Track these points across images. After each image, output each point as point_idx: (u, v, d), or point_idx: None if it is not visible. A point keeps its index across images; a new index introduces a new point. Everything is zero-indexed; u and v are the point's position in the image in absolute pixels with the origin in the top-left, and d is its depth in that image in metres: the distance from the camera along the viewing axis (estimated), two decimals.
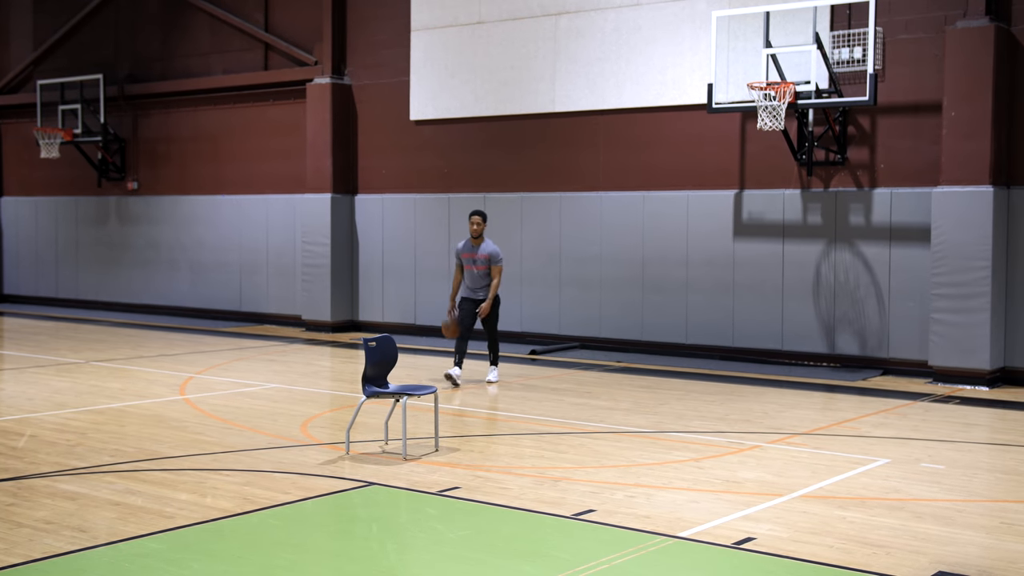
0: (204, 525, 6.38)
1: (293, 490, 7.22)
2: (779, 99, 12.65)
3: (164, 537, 6.14)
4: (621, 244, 14.93)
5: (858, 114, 13.27)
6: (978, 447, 9.05)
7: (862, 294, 13.20)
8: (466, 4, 16.36)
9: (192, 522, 6.42)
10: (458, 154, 16.59)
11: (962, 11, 12.49)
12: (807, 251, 13.55)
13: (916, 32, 12.89)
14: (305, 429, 9.34)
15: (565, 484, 7.43)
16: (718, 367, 13.54)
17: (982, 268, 12.04)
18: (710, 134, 14.29)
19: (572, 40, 15.40)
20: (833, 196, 13.41)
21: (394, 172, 17.27)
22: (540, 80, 15.68)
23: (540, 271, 15.63)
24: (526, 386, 12.12)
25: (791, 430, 9.57)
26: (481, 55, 16.23)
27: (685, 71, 14.45)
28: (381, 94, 17.37)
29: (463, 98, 16.42)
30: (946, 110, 12.39)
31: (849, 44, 13.07)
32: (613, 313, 15.01)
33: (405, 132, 17.10)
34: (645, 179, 14.87)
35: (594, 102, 15.24)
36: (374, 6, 17.40)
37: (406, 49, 17.01)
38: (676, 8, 14.53)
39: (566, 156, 15.57)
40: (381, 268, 17.30)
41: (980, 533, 6.37)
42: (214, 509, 6.71)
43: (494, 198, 16.12)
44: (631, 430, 9.50)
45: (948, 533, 6.33)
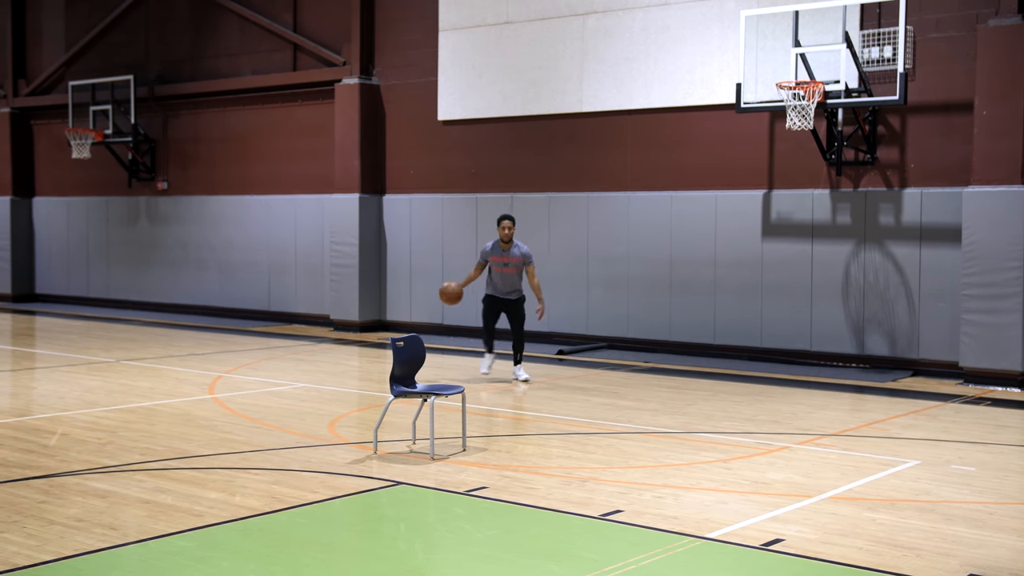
0: (233, 523, 6.42)
1: (321, 489, 7.25)
2: (808, 99, 12.58)
3: (193, 535, 6.18)
4: (649, 244, 14.89)
5: (888, 113, 13.18)
6: (1009, 449, 8.97)
7: (892, 295, 13.11)
8: (494, 4, 16.37)
9: (221, 520, 6.46)
10: (486, 154, 16.60)
11: (994, 9, 12.38)
12: (836, 251, 13.47)
13: (947, 31, 12.79)
14: (333, 428, 9.38)
15: (593, 484, 7.42)
16: (746, 368, 13.48)
17: (1014, 268, 11.93)
18: (739, 134, 14.23)
19: (600, 40, 15.38)
20: (863, 196, 13.33)
21: (422, 172, 17.31)
22: (568, 80, 15.67)
23: (568, 271, 15.62)
24: (553, 386, 12.11)
25: (820, 431, 9.52)
26: (509, 55, 16.23)
27: (714, 70, 14.39)
28: (409, 94, 17.41)
29: (491, 98, 16.43)
30: (978, 109, 12.28)
31: (879, 43, 12.98)
32: (641, 313, 14.97)
33: (433, 132, 17.13)
34: (673, 179, 14.83)
35: (622, 102, 15.21)
36: (402, 6, 17.44)
37: (434, 49, 17.04)
38: (704, 7, 14.48)
39: (594, 156, 15.55)
40: (409, 268, 17.34)
41: (1011, 536, 6.32)
42: (243, 508, 6.75)
43: (522, 198, 16.13)
44: (659, 430, 9.48)
45: (979, 536, 6.28)
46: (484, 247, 12.38)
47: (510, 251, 12.18)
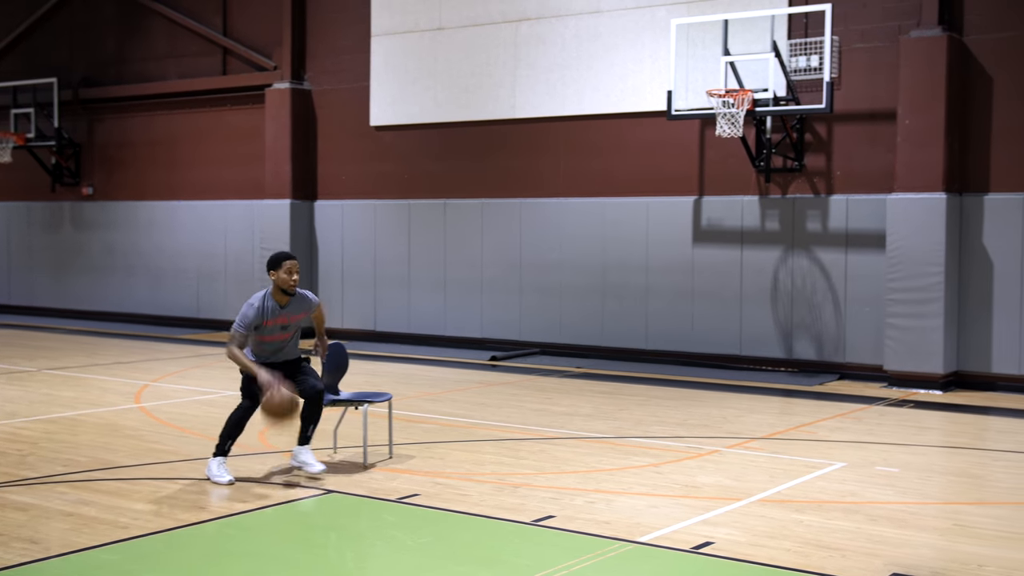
0: (159, 535, 6.31)
1: (249, 499, 7.16)
2: (737, 106, 12.74)
3: (118, 548, 6.06)
4: (581, 250, 14.96)
5: (815, 122, 13.40)
6: (932, 450, 9.15)
7: (819, 299, 13.32)
8: (427, 10, 16.35)
9: (147, 532, 6.35)
10: (419, 160, 16.56)
11: (916, 21, 12.65)
12: (765, 257, 13.66)
13: (871, 41, 13.04)
14: (263, 437, 9.27)
15: (525, 490, 7.42)
16: (678, 372, 13.60)
17: (936, 274, 12.19)
18: (670, 141, 14.37)
19: (533, 47, 15.43)
20: (791, 203, 13.53)
21: (354, 178, 17.21)
22: (501, 86, 15.69)
23: (501, 277, 15.63)
24: (486, 392, 12.10)
25: (749, 435, 9.63)
26: (442, 61, 16.22)
27: (645, 78, 14.52)
28: (341, 100, 17.31)
29: (424, 104, 16.40)
30: (900, 118, 12.54)
31: (806, 52, 13.19)
32: (573, 319, 15.04)
33: (365, 138, 17.05)
34: (605, 186, 14.93)
35: (555, 108, 15.27)
36: (334, 11, 17.34)
37: (366, 55, 16.96)
38: (636, 16, 14.60)
39: (527, 162, 15.59)
40: (341, 274, 17.23)
41: (933, 535, 6.44)
42: (170, 519, 6.64)
43: (455, 204, 16.11)
44: (591, 436, 9.52)
45: (902, 535, 6.39)
46: (245, 314, 7.62)
47: (288, 306, 7.79)
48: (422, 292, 16.24)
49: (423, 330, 16.30)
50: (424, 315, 16.30)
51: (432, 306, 16.20)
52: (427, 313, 16.15)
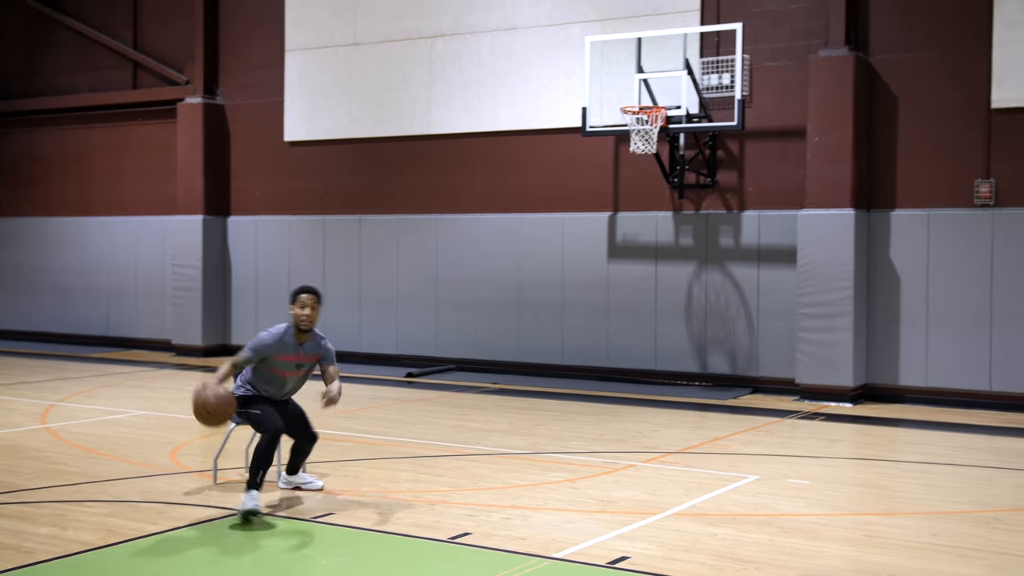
0: (65, 559, 6.14)
1: (160, 520, 7.00)
2: (651, 123, 12.88)
3: (22, 573, 5.88)
4: (498, 266, 14.98)
5: (727, 138, 13.60)
6: (842, 462, 9.32)
7: (732, 314, 13.50)
8: (341, 25, 16.27)
9: (52, 557, 6.17)
10: (333, 176, 16.44)
11: (823, 41, 12.93)
12: (679, 272, 13.81)
13: (781, 60, 13.29)
14: (174, 457, 9.09)
15: (441, 508, 7.38)
16: (594, 387, 13.67)
17: (845, 288, 12.44)
18: (584, 157, 14.47)
19: (448, 63, 15.44)
20: (704, 219, 13.71)
21: (268, 194, 17.02)
22: (416, 102, 15.66)
23: (417, 293, 15.57)
24: (402, 409, 12.03)
25: (665, 449, 9.71)
26: (357, 76, 16.14)
27: (560, 94, 14.61)
28: (255, 115, 17.12)
29: (338, 120, 16.29)
30: (810, 136, 12.79)
31: (718, 71, 13.40)
32: (490, 335, 15.03)
33: (279, 153, 16.88)
34: (521, 202, 14.97)
35: (470, 125, 15.29)
36: (248, 26, 17.16)
37: (280, 70, 16.81)
38: (551, 33, 14.70)
39: (442, 178, 15.57)
40: (255, 291, 17.01)
41: (844, 546, 6.55)
42: (76, 543, 6.46)
43: (370, 220, 16.02)
44: (508, 451, 9.51)
45: (814, 547, 6.49)
46: (261, 338, 7.35)
47: (306, 345, 7.51)
48: (337, 309, 16.09)
49: (338, 347, 15.95)
50: (339, 332, 16.12)
51: (347, 323, 16.07)
52: (342, 330, 16.00)
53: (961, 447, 10.01)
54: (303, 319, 7.39)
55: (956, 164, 12.40)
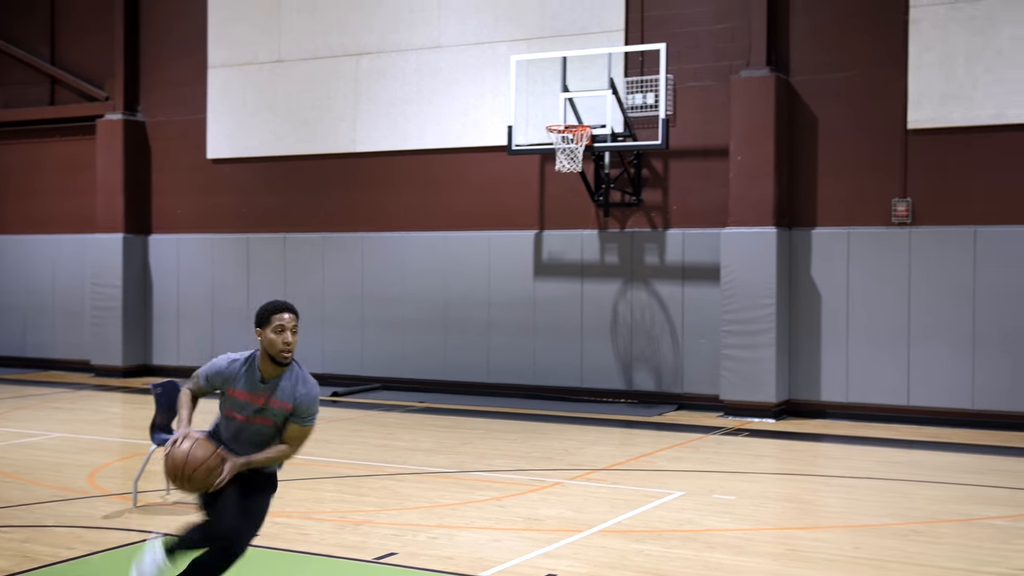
0: None
1: (78, 545, 6.82)
2: (577, 142, 12.95)
3: None
4: (424, 284, 14.92)
5: (652, 157, 13.73)
6: (766, 477, 9.42)
7: (657, 331, 13.60)
8: (266, 42, 16.13)
9: None
10: (257, 194, 16.26)
11: (745, 61, 13.13)
12: (605, 290, 13.88)
13: (704, 80, 13.47)
14: (92, 480, 8.88)
15: (367, 528, 7.30)
16: (520, 405, 13.66)
17: (767, 305, 12.60)
18: (510, 175, 14.50)
19: (374, 81, 15.38)
20: (629, 236, 13.80)
21: (190, 212, 16.78)
22: (342, 120, 15.58)
23: (342, 312, 15.45)
24: (327, 428, 11.90)
25: (591, 466, 9.72)
26: (281, 94, 16.01)
27: (486, 113, 14.63)
28: (177, 132, 16.88)
29: (262, 137, 16.14)
30: (732, 154, 12.97)
31: (642, 90, 13.53)
32: (416, 353, 14.96)
33: (202, 171, 16.66)
34: (447, 220, 14.94)
35: (396, 143, 15.24)
36: (169, 42, 16.93)
37: (203, 86, 16.61)
38: (477, 51, 14.73)
39: (368, 196, 15.49)
40: (176, 310, 16.73)
41: (767, 560, 6.60)
42: None
43: (295, 238, 15.87)
44: (434, 470, 9.45)
45: (738, 562, 6.53)
46: (215, 362, 5.47)
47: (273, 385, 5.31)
48: None
49: None
50: None
51: None
52: None
53: (881, 461, 10.18)
54: (282, 348, 5.18)
55: (874, 183, 12.66)
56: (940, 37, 12.32)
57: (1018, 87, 11.99)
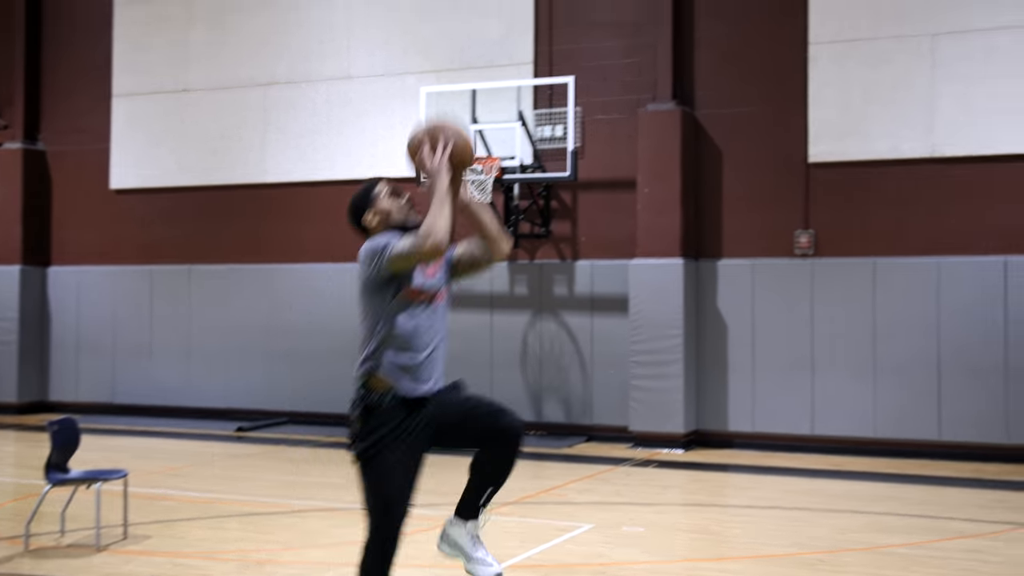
0: None
1: None
2: (486, 174, 12.96)
3: None
4: (331, 315, 14.74)
5: (560, 189, 13.81)
6: (675, 508, 9.46)
7: (567, 363, 13.63)
8: (172, 71, 15.89)
9: None
10: (162, 225, 15.95)
11: (651, 95, 13.31)
12: (514, 322, 13.88)
13: (612, 113, 13.60)
14: None
15: (271, 567, 7.14)
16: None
17: (675, 336, 12.72)
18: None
19: (283, 111, 15.24)
20: (538, 268, 13.84)
21: (92, 243, 16.38)
22: (250, 150, 15.39)
23: (249, 345, 15.18)
24: (231, 465, 11.66)
25: (501, 500, 9.64)
26: (188, 123, 15.76)
27: (396, 144, 14.56)
28: (79, 162, 16.50)
29: (168, 167, 15.86)
30: (640, 187, 13.11)
31: (551, 122, 13.61)
32: (323, 386, 14.74)
33: (105, 202, 16.29)
34: (356, 251, 14.74)
35: (306, 173, 15.10)
36: (73, 71, 16.58)
37: (107, 116, 16.28)
38: (387, 82, 14.69)
39: (277, 227, 15.30)
40: (76, 344, 16.28)
41: None
42: None
43: (200, 270, 15.59)
44: (343, 506, 9.29)
45: None
46: (376, 241, 4.80)
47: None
48: (165, 361, 15.57)
49: (166, 401, 15.60)
50: (167, 385, 15.62)
51: (175, 376, 15.54)
52: (170, 383, 15.49)
53: (786, 491, 10.30)
54: (403, 212, 4.88)
55: (778, 215, 12.90)
56: (838, 73, 12.65)
57: (911, 122, 12.35)
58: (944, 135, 12.26)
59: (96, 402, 16.02)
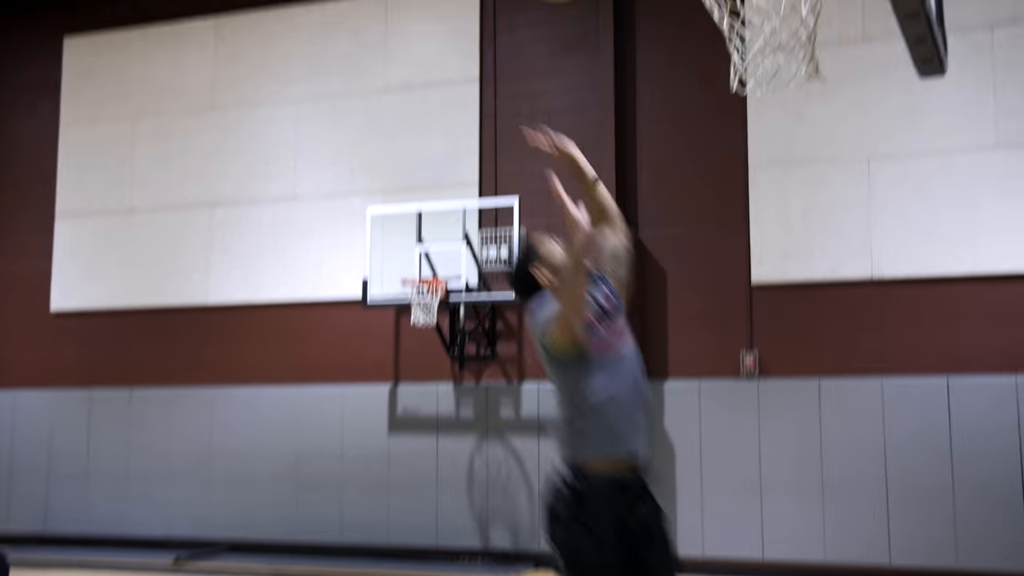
0: None
1: None
2: (432, 295, 12.90)
3: None
4: (275, 439, 14.45)
5: (506, 310, 13.75)
6: None
7: (513, 487, 13.38)
8: (117, 192, 15.82)
9: None
10: (103, 347, 15.67)
11: None
12: (461, 445, 13.65)
13: (556, 234, 13.61)
14: None
15: None
16: (374, 566, 13.16)
17: None
18: (366, 328, 14.32)
19: (228, 232, 15.16)
20: (484, 390, 13.69)
21: (29, 366, 16.03)
22: (194, 271, 15.25)
23: (190, 470, 14.79)
24: None
25: None
26: (132, 245, 15.63)
27: (341, 265, 14.51)
28: (17, 284, 16.27)
29: (110, 289, 15.66)
30: None
31: (497, 243, 13.62)
32: (266, 513, 14.37)
33: (43, 324, 16.02)
34: (301, 373, 14.61)
35: (250, 294, 14.95)
36: (14, 190, 16.47)
37: (49, 236, 16.11)
38: (333, 204, 14.69)
39: (220, 349, 15.08)
40: (9, 471, 15.79)
41: None
42: None
43: (141, 394, 15.28)
44: None
45: None
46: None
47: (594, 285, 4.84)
48: (102, 488, 15.12)
49: (102, 531, 15.09)
50: (103, 514, 15.14)
51: (112, 503, 15.07)
52: (107, 511, 15.01)
53: None
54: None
55: (722, 336, 12.88)
56: (777, 196, 12.80)
57: (850, 244, 12.47)
58: (883, 257, 12.37)
59: (28, 532, 15.49)
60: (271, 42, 15.36)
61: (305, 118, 15.02)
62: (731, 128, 13.11)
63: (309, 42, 15.15)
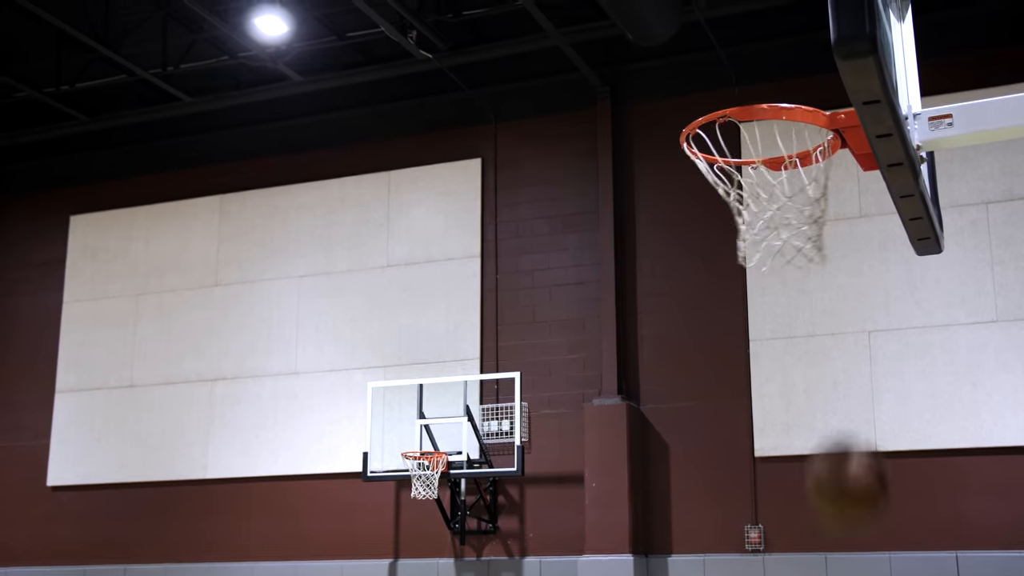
0: None
1: None
2: (432, 469, 12.82)
3: None
4: None
5: (508, 484, 13.64)
6: None
7: None
8: (118, 367, 15.85)
9: None
10: (99, 523, 15.43)
11: (597, 390, 13.44)
12: None
13: (558, 407, 13.67)
14: None
15: None
16: None
17: None
18: (365, 502, 14.16)
19: (228, 406, 15.15)
20: (486, 565, 13.45)
21: (24, 543, 15.73)
22: (193, 445, 15.17)
23: None
24: None
25: None
26: (131, 419, 15.58)
27: (341, 439, 14.45)
28: (16, 457, 16.13)
29: (108, 464, 15.52)
30: (587, 481, 12.98)
31: (498, 417, 13.64)
32: None
33: (40, 499, 15.80)
34: (298, 548, 14.37)
35: (248, 468, 14.84)
36: (14, 366, 16.50)
37: (49, 411, 16.06)
38: (333, 377, 14.73)
39: (216, 524, 14.86)
40: None
41: None
42: None
43: (136, 570, 14.98)
44: None
45: None
46: None
47: None
48: None
49: None
50: None
51: None
52: None
53: None
54: None
55: (727, 510, 12.76)
56: (779, 369, 12.88)
57: (853, 417, 12.48)
58: (886, 430, 12.37)
59: None
60: (275, 219, 15.65)
61: (307, 293, 15.21)
62: (731, 302, 13.30)
63: (312, 219, 15.45)
